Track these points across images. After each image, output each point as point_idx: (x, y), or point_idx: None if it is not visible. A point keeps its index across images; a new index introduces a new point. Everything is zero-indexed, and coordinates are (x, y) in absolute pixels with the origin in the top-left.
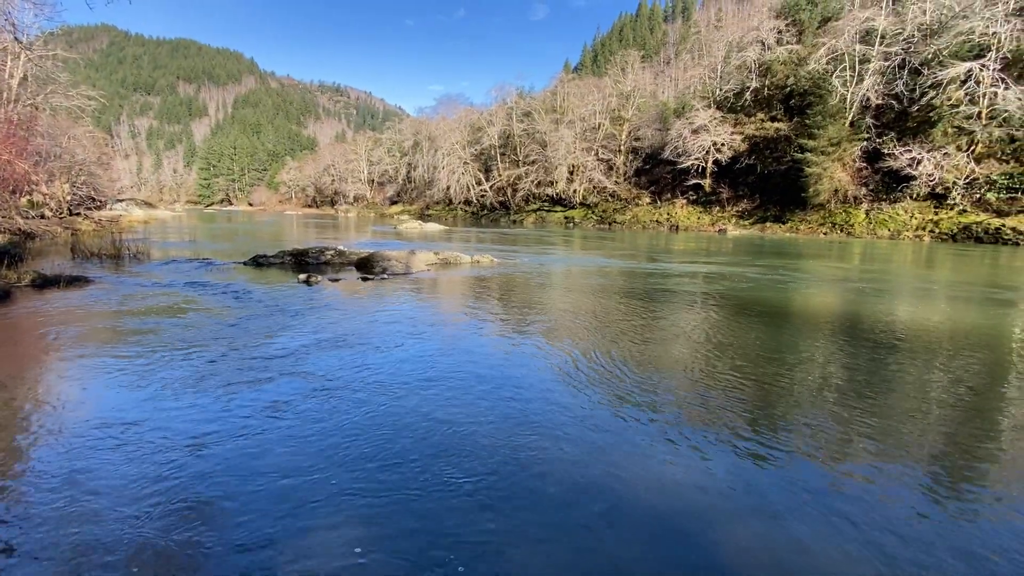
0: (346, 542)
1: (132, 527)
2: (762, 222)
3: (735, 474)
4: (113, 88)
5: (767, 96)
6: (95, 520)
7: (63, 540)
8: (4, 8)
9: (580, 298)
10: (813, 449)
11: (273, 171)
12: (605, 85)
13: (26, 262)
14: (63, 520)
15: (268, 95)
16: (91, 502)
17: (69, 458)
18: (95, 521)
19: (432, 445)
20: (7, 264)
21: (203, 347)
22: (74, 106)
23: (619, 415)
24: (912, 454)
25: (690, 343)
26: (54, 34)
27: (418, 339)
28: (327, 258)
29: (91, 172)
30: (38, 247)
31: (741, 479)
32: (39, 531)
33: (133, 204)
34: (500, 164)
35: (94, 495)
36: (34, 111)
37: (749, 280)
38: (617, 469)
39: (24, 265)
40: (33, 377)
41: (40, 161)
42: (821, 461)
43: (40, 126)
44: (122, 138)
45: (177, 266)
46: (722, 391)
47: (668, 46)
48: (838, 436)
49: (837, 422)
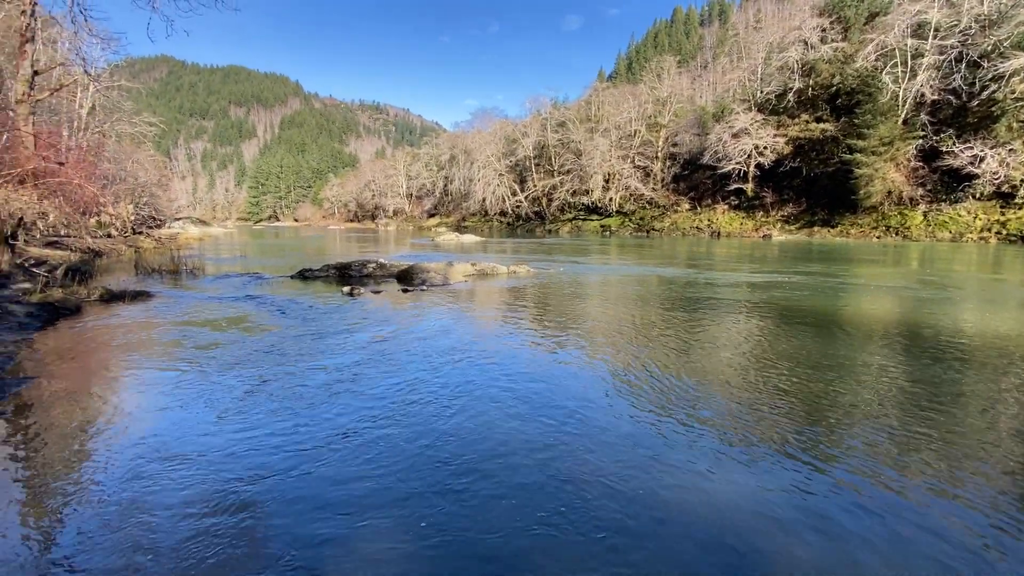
0: (396, 554)
1: (186, 546)
2: (809, 226)
3: (791, 491)
4: (171, 114)
5: (811, 96)
6: (150, 534)
7: (118, 557)
8: (75, 44)
9: (619, 308)
10: (873, 468)
11: (317, 188)
12: (640, 92)
13: (95, 278)
14: (118, 536)
15: (312, 115)
16: (146, 517)
17: (127, 470)
18: (151, 535)
19: (477, 459)
20: (79, 280)
21: (256, 360)
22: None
23: (664, 429)
24: (982, 476)
25: (737, 354)
26: (119, 66)
27: (460, 352)
28: (369, 271)
29: (152, 193)
30: (105, 264)
31: (798, 497)
32: (96, 550)
33: (189, 222)
34: (535, 174)
35: (150, 510)
36: (102, 138)
37: (798, 287)
38: (664, 484)
39: (93, 281)
40: (98, 389)
41: (107, 184)
42: (883, 481)
43: (107, 151)
44: (179, 160)
45: (230, 280)
46: (773, 404)
47: (705, 50)
48: (899, 454)
49: (898, 439)
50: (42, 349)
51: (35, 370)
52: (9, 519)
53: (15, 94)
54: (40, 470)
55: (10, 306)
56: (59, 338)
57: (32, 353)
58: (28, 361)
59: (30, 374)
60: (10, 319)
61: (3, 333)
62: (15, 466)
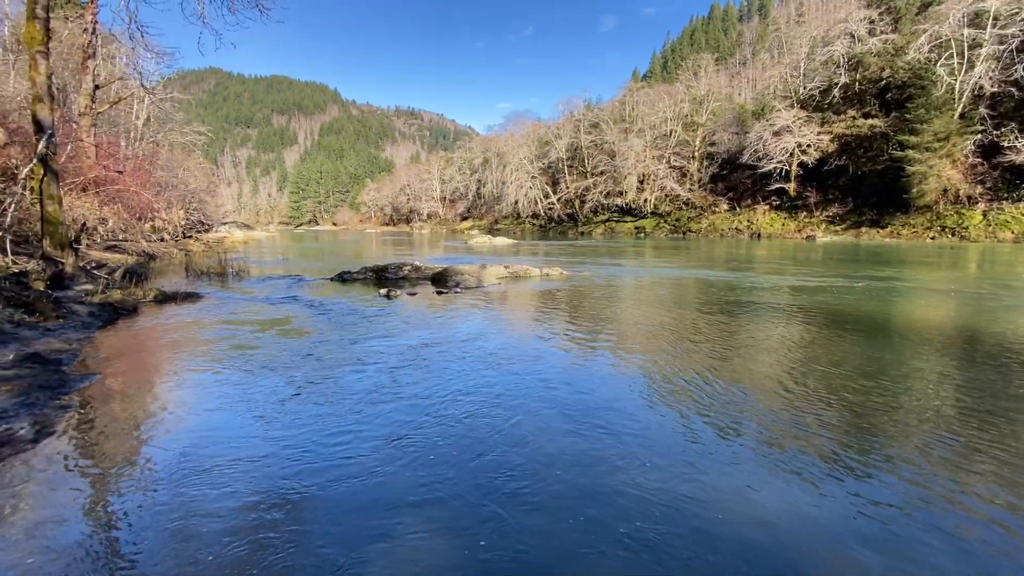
0: (438, 557)
1: (232, 542)
2: (856, 227)
3: (841, 505)
4: (219, 123)
5: (859, 92)
6: (198, 528)
7: (168, 550)
8: (132, 59)
9: (656, 312)
10: (931, 482)
11: (354, 192)
12: (676, 91)
13: (150, 280)
14: (168, 530)
15: (350, 122)
16: (195, 511)
17: (177, 465)
18: (199, 529)
19: (516, 464)
20: (135, 282)
21: (299, 362)
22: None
23: (705, 437)
24: None
25: (782, 360)
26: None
27: (496, 356)
28: (404, 273)
29: (201, 199)
30: (158, 266)
31: (849, 511)
32: (147, 542)
33: (234, 226)
34: (567, 176)
35: (198, 504)
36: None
37: (846, 291)
38: (706, 495)
39: (148, 283)
40: (153, 387)
41: (160, 191)
42: (943, 495)
43: (160, 160)
44: (225, 167)
45: (273, 282)
46: (821, 413)
47: (744, 46)
48: (960, 468)
49: (958, 452)
50: (103, 347)
51: (97, 367)
52: (68, 506)
53: (78, 107)
54: (98, 462)
55: (74, 306)
56: (118, 337)
57: (94, 351)
58: (91, 358)
59: (92, 371)
60: (74, 318)
61: (68, 332)
62: (76, 456)
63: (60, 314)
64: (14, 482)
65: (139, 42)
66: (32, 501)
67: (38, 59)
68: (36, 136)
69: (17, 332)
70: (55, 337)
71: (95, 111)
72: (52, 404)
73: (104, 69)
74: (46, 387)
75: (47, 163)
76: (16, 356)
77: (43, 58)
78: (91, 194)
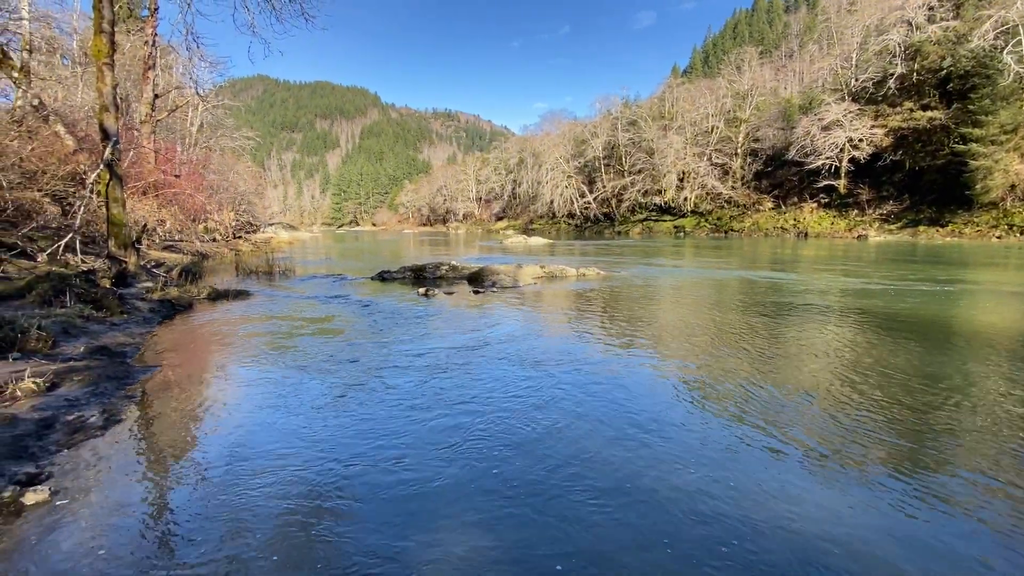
0: (480, 554)
1: (279, 532)
2: (913, 225)
3: (892, 517)
4: (266, 128)
5: (916, 82)
6: (247, 517)
7: (218, 538)
8: (188, 68)
9: (697, 314)
10: (993, 497)
11: (393, 194)
12: (718, 86)
13: (203, 278)
14: (218, 518)
15: (389, 125)
16: (244, 499)
17: (228, 455)
18: (247, 518)
19: (558, 467)
20: (190, 280)
21: (343, 359)
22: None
23: (750, 443)
24: None
25: (832, 366)
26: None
27: (534, 358)
28: (442, 273)
29: (249, 201)
30: (211, 265)
31: (901, 524)
32: (201, 531)
33: (280, 227)
34: (604, 175)
35: (247, 493)
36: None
37: (904, 294)
38: (751, 501)
39: (202, 281)
40: (207, 379)
41: (212, 194)
42: (1005, 511)
43: (212, 164)
44: (272, 170)
45: (317, 281)
46: (874, 421)
47: (790, 38)
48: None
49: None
50: (162, 341)
51: (156, 359)
52: (133, 490)
53: (139, 115)
54: (159, 450)
55: (136, 303)
56: (175, 331)
57: (154, 344)
58: (151, 352)
59: (153, 363)
60: (137, 314)
61: (132, 326)
62: (140, 444)
63: (124, 310)
64: (87, 466)
65: (195, 52)
66: (102, 484)
67: (104, 71)
68: (102, 143)
69: (87, 326)
70: (120, 331)
71: (155, 119)
72: (118, 394)
73: (162, 79)
74: (113, 378)
75: (112, 168)
76: (86, 348)
77: (109, 70)
78: (150, 197)
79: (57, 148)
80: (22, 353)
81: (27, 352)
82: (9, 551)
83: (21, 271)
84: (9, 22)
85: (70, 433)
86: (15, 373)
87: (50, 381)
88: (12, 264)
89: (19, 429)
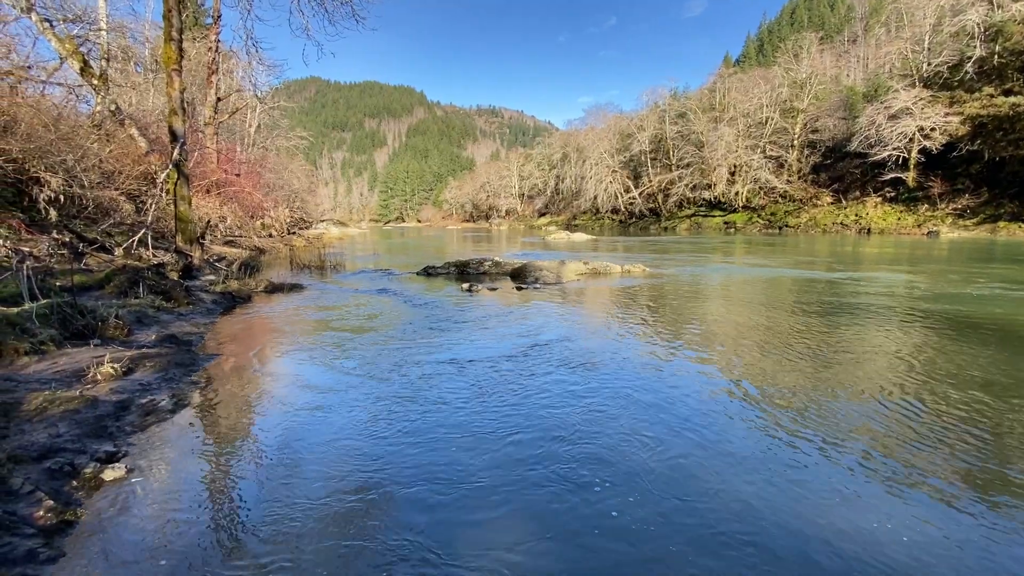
0: (522, 547)
1: (329, 524)
2: (992, 221)
3: (960, 531)
4: (318, 128)
5: (997, 65)
6: (300, 505)
7: (272, 524)
8: (247, 72)
9: (750, 314)
10: None
11: (437, 191)
12: (774, 75)
13: (260, 272)
14: (275, 506)
15: (435, 123)
16: (296, 487)
17: (284, 447)
18: (300, 506)
19: (603, 469)
20: (249, 274)
21: (392, 353)
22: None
23: (803, 449)
24: None
25: (897, 371)
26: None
27: (580, 357)
28: (485, 269)
29: (302, 199)
30: (267, 260)
31: (971, 541)
32: (257, 515)
33: (331, 223)
34: (650, 169)
35: (298, 482)
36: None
37: (983, 296)
38: (804, 507)
39: (259, 275)
40: (265, 369)
41: (269, 191)
42: None
43: (268, 163)
44: (323, 169)
45: (366, 275)
46: (943, 431)
47: (854, 22)
48: None
49: None
50: (224, 331)
51: (218, 349)
52: (197, 473)
53: (204, 118)
54: (222, 434)
55: (201, 294)
56: (235, 322)
57: (216, 334)
58: (213, 341)
59: (214, 352)
60: (201, 305)
61: (197, 316)
62: (205, 428)
63: (190, 301)
64: (158, 446)
65: (254, 56)
66: (171, 464)
67: (173, 76)
68: (171, 144)
69: (158, 316)
70: (186, 321)
71: (217, 121)
72: (185, 380)
73: (224, 83)
74: (181, 364)
75: (180, 168)
76: (157, 336)
77: (177, 75)
78: (213, 195)
79: (131, 150)
80: (102, 340)
81: (106, 339)
82: (90, 521)
83: (101, 264)
84: (90, 33)
85: (143, 415)
86: (96, 358)
87: (126, 366)
88: (93, 257)
89: (99, 410)
